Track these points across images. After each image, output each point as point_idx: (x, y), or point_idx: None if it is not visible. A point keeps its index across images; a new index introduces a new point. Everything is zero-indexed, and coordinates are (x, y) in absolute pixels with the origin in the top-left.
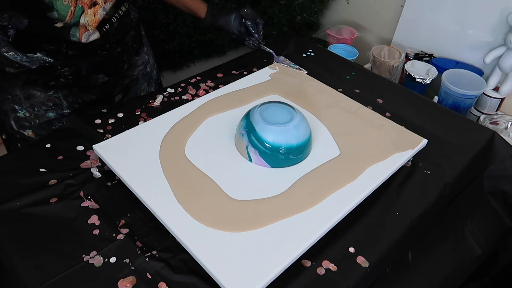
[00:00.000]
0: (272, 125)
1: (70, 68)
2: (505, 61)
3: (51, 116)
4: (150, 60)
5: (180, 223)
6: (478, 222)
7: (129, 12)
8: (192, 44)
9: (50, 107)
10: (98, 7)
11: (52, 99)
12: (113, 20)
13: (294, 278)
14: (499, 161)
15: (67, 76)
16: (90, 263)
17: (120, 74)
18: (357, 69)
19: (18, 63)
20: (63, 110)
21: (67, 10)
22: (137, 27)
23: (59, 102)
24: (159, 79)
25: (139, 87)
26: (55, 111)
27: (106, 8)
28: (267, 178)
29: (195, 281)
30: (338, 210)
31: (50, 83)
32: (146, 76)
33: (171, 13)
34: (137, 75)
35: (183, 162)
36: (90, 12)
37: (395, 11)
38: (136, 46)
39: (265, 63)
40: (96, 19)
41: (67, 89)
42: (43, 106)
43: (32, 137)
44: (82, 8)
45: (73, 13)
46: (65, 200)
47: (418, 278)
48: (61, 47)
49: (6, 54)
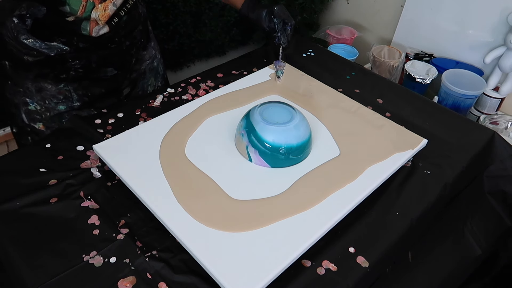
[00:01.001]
0: (272, 125)
1: (81, 61)
2: (505, 61)
3: (61, 109)
4: (157, 55)
5: (180, 223)
6: (478, 222)
7: (137, 6)
8: (192, 44)
9: (60, 100)
10: (108, 2)
11: (62, 92)
12: (121, 14)
13: (294, 278)
14: (499, 161)
15: (78, 69)
16: (90, 263)
17: (128, 68)
18: (357, 69)
19: (37, 50)
20: (73, 103)
21: (79, 4)
22: (144, 22)
23: (70, 95)
24: (165, 75)
25: (146, 81)
26: (66, 104)
27: (116, 3)
28: (267, 178)
29: (195, 281)
30: (338, 210)
31: (61, 76)
32: (153, 71)
33: (171, 13)
34: (144, 69)
35: (183, 162)
36: (100, 7)
37: (395, 11)
38: (144, 41)
39: (265, 63)
40: (107, 13)
41: (77, 82)
42: (53, 99)
43: (43, 130)
44: (93, 3)
45: (85, 7)
46: (65, 200)
47: (418, 278)
48: (72, 40)
49: (26, 41)
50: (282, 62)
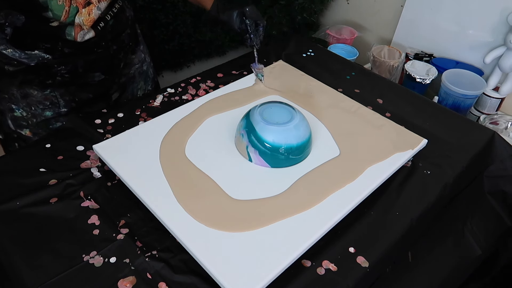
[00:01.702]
0: (272, 125)
1: (67, 66)
2: (505, 61)
3: (48, 115)
4: (147, 58)
5: (180, 223)
6: (478, 222)
7: (124, 10)
8: (192, 44)
9: (47, 106)
10: (92, 6)
11: (49, 98)
12: (107, 18)
13: (294, 278)
14: (499, 161)
15: (64, 75)
16: (90, 263)
17: (116, 72)
18: (357, 69)
19: (17, 60)
20: (60, 109)
21: (62, 10)
22: (132, 25)
23: (56, 100)
24: (156, 78)
25: (136, 86)
26: (52, 110)
27: (101, 7)
28: (267, 178)
29: (195, 281)
30: (338, 210)
31: (46, 82)
32: (143, 75)
33: (171, 13)
34: (133, 73)
35: (183, 162)
36: (84, 12)
37: (395, 11)
38: (132, 45)
39: (265, 63)
40: (91, 18)
41: (64, 88)
42: (40, 105)
43: (30, 136)
44: (77, 7)
45: (68, 12)
46: (65, 200)
47: (418, 278)
48: (57, 45)
49: (5, 51)
50: (259, 64)
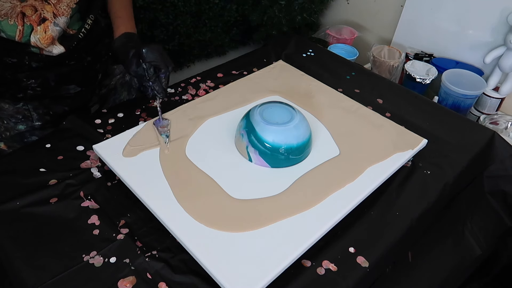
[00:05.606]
0: (272, 125)
1: (37, 80)
2: (505, 61)
3: (21, 129)
4: None
5: (180, 223)
6: (478, 222)
7: (98, 20)
8: (192, 44)
9: (19, 120)
10: (48, 23)
11: (21, 112)
12: (80, 37)
13: (294, 278)
14: (499, 161)
15: (35, 88)
16: (90, 263)
17: (94, 84)
18: (357, 69)
19: None
20: (34, 122)
21: (15, 29)
22: (111, 34)
23: (29, 114)
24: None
25: (118, 97)
26: (25, 123)
27: (58, 23)
28: (267, 178)
29: (195, 281)
30: (338, 210)
31: (18, 95)
32: (126, 85)
33: (171, 13)
34: (114, 84)
35: (183, 162)
36: (40, 29)
37: (395, 11)
38: (112, 55)
39: (265, 63)
40: (48, 35)
41: (37, 101)
42: (12, 118)
43: (5, 149)
44: (31, 26)
45: (22, 32)
46: (65, 200)
47: (418, 278)
48: (23, 60)
49: None
50: (164, 120)
